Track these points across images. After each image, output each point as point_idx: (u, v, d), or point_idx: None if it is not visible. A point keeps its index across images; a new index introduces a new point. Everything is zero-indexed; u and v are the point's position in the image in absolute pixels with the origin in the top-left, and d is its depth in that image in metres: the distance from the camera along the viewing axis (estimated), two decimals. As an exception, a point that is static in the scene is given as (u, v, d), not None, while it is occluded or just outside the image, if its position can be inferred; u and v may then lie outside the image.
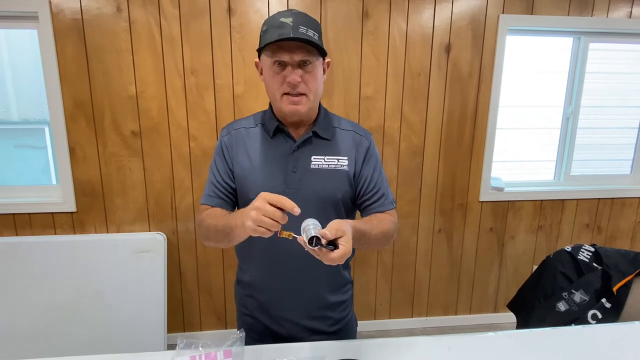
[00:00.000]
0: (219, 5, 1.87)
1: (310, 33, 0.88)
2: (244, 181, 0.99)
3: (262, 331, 1.08)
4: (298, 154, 0.98)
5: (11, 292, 1.91)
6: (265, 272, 1.03)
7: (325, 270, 0.91)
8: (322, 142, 1.00)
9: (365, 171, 1.02)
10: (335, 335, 1.07)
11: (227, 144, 1.02)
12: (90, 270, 1.95)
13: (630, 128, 2.41)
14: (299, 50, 0.89)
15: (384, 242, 0.98)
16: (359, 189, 1.02)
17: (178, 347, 0.90)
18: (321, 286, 1.04)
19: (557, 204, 2.34)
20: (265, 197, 0.76)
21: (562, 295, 1.54)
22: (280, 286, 1.03)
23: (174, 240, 2.09)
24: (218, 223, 0.91)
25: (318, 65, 0.94)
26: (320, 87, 0.97)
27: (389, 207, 1.03)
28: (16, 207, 1.97)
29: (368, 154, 1.03)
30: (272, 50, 0.89)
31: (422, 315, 2.40)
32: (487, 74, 2.11)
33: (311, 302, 1.05)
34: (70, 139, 1.93)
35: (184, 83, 1.93)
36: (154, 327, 1.97)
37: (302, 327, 1.05)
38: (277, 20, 0.89)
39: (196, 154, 2.01)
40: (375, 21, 1.98)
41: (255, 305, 1.07)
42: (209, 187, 1.03)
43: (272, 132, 1.00)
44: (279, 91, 0.93)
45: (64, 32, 1.82)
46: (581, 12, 2.10)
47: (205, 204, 1.02)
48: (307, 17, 0.91)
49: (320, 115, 1.03)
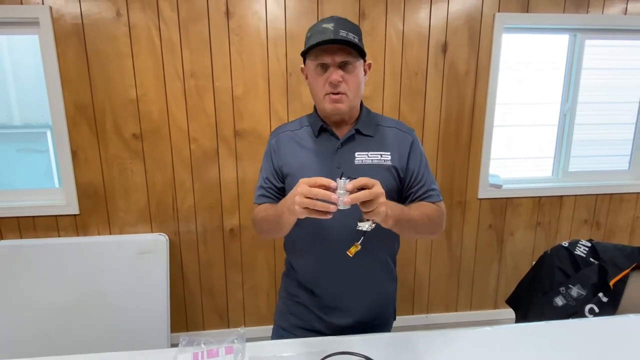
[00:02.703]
0: (217, 9, 1.89)
1: (350, 36, 0.93)
2: (292, 179, 1.04)
3: (308, 319, 1.12)
4: (342, 151, 1.03)
5: (16, 293, 1.94)
6: (319, 269, 1.07)
7: (377, 264, 1.04)
8: (365, 139, 1.05)
9: (412, 165, 1.05)
10: (374, 329, 1.10)
11: (274, 147, 1.09)
12: (94, 271, 1.98)
13: (627, 124, 2.42)
14: (340, 52, 0.94)
15: (431, 227, 1.01)
16: (406, 183, 1.06)
17: (181, 345, 0.92)
18: (372, 277, 1.08)
19: (555, 201, 2.36)
20: (303, 181, 0.82)
21: (560, 290, 1.56)
22: (333, 277, 1.06)
23: (176, 241, 2.12)
24: (268, 214, 0.99)
25: (358, 66, 0.99)
26: (361, 87, 1.02)
27: (436, 199, 1.06)
28: (20, 211, 1.99)
29: (412, 148, 1.07)
30: (316, 54, 0.96)
31: (422, 312, 2.42)
32: (484, 72, 2.13)
33: (365, 295, 1.09)
34: (72, 143, 1.95)
35: (183, 86, 1.95)
36: (157, 327, 1.99)
37: (351, 316, 1.08)
38: (319, 27, 0.96)
39: (197, 156, 2.04)
40: (372, 21, 2.00)
41: (308, 298, 1.11)
42: (259, 189, 1.11)
43: (317, 131, 1.05)
44: (322, 92, 0.99)
45: (65, 37, 1.85)
46: (577, 9, 2.11)
47: (257, 203, 1.11)
48: (347, 22, 0.97)
49: (362, 114, 1.07)
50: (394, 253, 1.15)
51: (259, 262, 2.21)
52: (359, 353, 0.90)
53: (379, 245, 1.05)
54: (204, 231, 2.13)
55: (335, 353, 0.90)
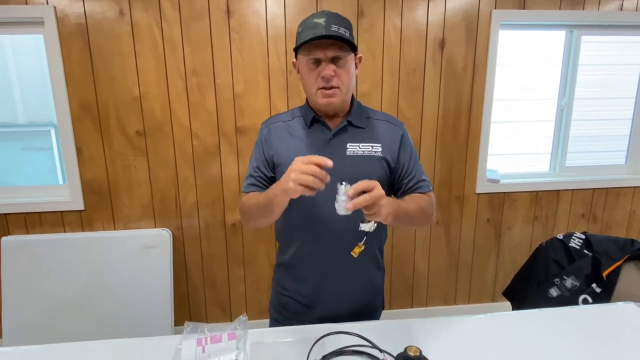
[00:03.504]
0: (217, 8, 1.93)
1: (341, 31, 0.96)
2: (283, 169, 1.05)
3: (298, 311, 1.14)
4: (334, 142, 1.06)
5: (23, 287, 1.98)
6: (306, 255, 1.10)
7: (364, 253, 1.05)
8: (357, 130, 1.08)
9: (402, 158, 1.09)
10: (363, 317, 1.12)
11: (266, 137, 1.11)
12: (99, 265, 2.02)
13: (624, 119, 2.45)
14: (332, 47, 0.97)
15: (423, 218, 1.05)
16: (397, 175, 1.09)
17: (185, 331, 0.96)
18: (359, 267, 1.11)
19: (552, 195, 2.39)
20: (299, 159, 0.84)
21: (554, 281, 1.59)
22: (321, 267, 1.09)
23: (179, 236, 2.16)
24: (258, 200, 1.00)
25: (350, 60, 1.02)
26: (352, 80, 1.05)
27: (426, 190, 1.10)
28: (27, 207, 2.04)
29: (402, 141, 1.10)
30: (308, 49, 0.98)
31: (421, 306, 2.46)
32: (481, 69, 2.16)
33: (350, 282, 1.11)
34: (77, 140, 1.99)
35: (185, 83, 1.99)
36: (162, 320, 2.04)
37: (339, 306, 1.11)
38: (311, 22, 0.98)
39: (199, 152, 2.08)
40: (371, 19, 2.03)
41: (295, 287, 1.14)
42: (248, 177, 1.12)
43: (309, 122, 1.08)
44: (314, 86, 1.01)
45: (69, 37, 1.89)
46: (573, 5, 2.14)
47: (245, 192, 1.11)
48: (338, 17, 0.99)
49: (353, 107, 1.10)
50: (381, 243, 1.18)
51: (260, 256, 2.25)
52: (354, 332, 0.93)
53: (367, 237, 1.09)
54: (207, 226, 2.17)
55: (331, 333, 0.94)
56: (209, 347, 0.92)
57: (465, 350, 0.94)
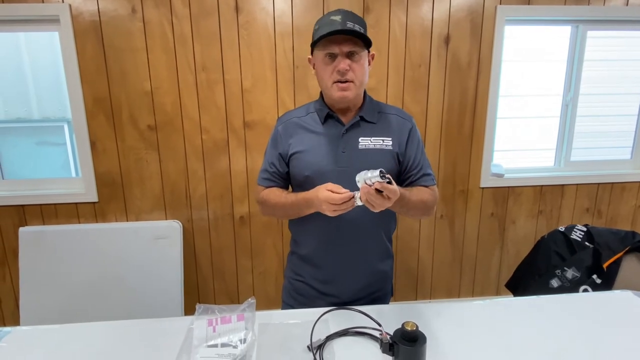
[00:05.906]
0: (226, 5, 1.97)
1: (357, 27, 1.01)
2: (299, 162, 1.12)
3: (311, 295, 1.21)
4: (347, 137, 1.11)
5: (39, 276, 2.06)
6: (321, 243, 1.16)
7: (374, 240, 1.14)
8: (369, 125, 1.13)
9: (410, 151, 1.14)
10: (373, 303, 1.19)
11: (281, 133, 1.16)
12: (112, 256, 2.09)
13: (630, 115, 2.44)
14: (347, 43, 1.02)
15: (424, 210, 1.10)
16: (403, 167, 1.14)
17: (197, 312, 1.01)
18: (371, 254, 1.17)
19: (557, 189, 2.40)
20: (327, 187, 0.96)
21: (556, 272, 1.62)
22: (335, 255, 1.15)
23: (189, 228, 2.22)
24: (286, 202, 1.09)
25: (364, 56, 1.06)
26: (365, 75, 1.09)
27: (430, 183, 1.15)
28: (43, 198, 2.11)
29: (410, 134, 1.15)
30: (324, 45, 1.03)
31: (425, 299, 2.50)
32: (486, 64, 2.18)
33: (361, 269, 1.17)
34: (91, 134, 2.06)
35: (195, 79, 2.04)
36: (172, 309, 2.10)
37: (351, 291, 1.17)
38: (327, 19, 1.03)
39: (208, 146, 2.13)
40: (376, 15, 2.06)
41: (310, 273, 1.20)
42: (263, 171, 1.19)
43: (323, 118, 1.13)
44: (330, 80, 1.06)
45: (84, 34, 1.95)
46: (578, 0, 2.14)
47: (261, 185, 1.19)
48: (354, 15, 1.04)
49: (365, 102, 1.15)
50: (390, 231, 1.23)
51: (267, 248, 2.30)
52: (357, 308, 0.98)
53: (376, 222, 1.14)
54: (215, 218, 2.23)
55: (334, 308, 0.99)
56: (219, 327, 0.98)
57: (465, 333, 0.98)
